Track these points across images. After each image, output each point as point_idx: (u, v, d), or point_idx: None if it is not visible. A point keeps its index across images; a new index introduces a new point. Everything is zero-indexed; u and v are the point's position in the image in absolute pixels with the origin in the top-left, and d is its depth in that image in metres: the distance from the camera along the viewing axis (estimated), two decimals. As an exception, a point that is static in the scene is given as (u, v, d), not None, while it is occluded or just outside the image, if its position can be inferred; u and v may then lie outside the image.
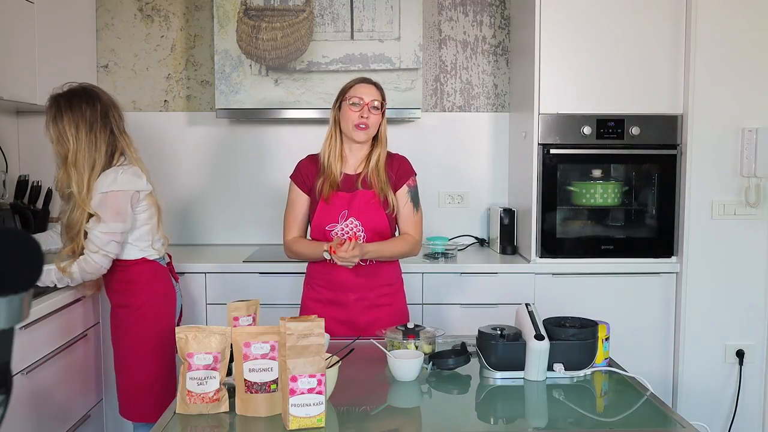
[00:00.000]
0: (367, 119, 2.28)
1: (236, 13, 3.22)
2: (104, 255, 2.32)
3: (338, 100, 2.34)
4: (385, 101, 2.36)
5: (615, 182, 3.18)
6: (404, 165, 2.41)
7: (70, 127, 2.31)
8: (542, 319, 1.89)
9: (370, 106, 2.28)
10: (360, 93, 2.29)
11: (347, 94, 2.31)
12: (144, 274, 2.43)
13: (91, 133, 2.32)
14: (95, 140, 2.32)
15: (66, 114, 2.32)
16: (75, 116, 2.32)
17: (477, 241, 3.58)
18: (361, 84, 2.33)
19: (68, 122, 2.31)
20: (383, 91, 2.37)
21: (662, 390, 3.06)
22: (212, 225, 3.59)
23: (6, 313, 0.78)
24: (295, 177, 2.39)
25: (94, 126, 2.33)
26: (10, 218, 2.95)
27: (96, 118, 2.34)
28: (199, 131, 3.56)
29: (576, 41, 3.05)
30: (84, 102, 2.34)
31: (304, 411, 1.50)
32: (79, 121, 2.32)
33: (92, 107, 2.34)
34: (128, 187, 2.33)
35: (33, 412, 2.33)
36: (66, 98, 2.35)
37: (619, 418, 1.66)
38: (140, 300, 2.42)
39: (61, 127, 2.32)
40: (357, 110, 2.27)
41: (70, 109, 2.32)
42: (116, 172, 2.33)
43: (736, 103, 3.02)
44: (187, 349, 1.61)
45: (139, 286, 2.42)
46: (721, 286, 3.07)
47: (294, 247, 2.36)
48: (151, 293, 2.44)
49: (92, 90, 2.41)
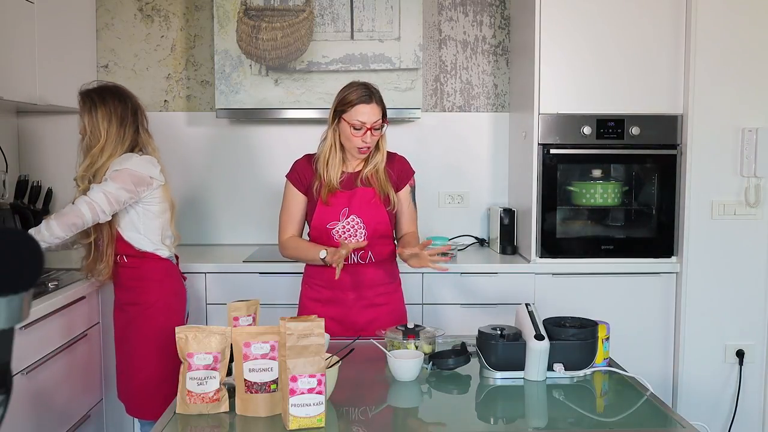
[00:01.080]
0: (369, 142, 2.24)
1: (236, 13, 3.22)
2: (93, 207, 2.33)
3: (337, 111, 2.25)
4: (386, 115, 2.28)
5: (615, 182, 3.18)
6: (405, 165, 2.40)
7: (104, 120, 2.40)
8: (542, 319, 1.89)
9: (373, 129, 2.22)
10: (362, 117, 2.20)
11: (348, 114, 2.22)
12: (157, 271, 2.47)
13: (121, 128, 2.42)
14: (123, 135, 2.41)
15: (101, 108, 2.40)
16: (108, 110, 2.41)
17: (477, 241, 3.58)
18: (362, 105, 2.21)
19: (102, 115, 2.40)
20: (384, 103, 2.28)
21: (662, 390, 3.06)
22: (212, 225, 3.59)
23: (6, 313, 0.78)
24: (291, 176, 2.37)
25: (124, 122, 2.43)
26: (10, 218, 2.95)
27: (127, 115, 2.44)
28: (199, 131, 3.56)
29: (576, 41, 3.05)
30: (116, 98, 2.44)
31: (304, 411, 1.50)
32: (112, 115, 2.40)
33: (124, 104, 2.44)
34: (141, 170, 2.39)
35: (33, 412, 2.33)
36: (99, 93, 2.44)
37: (619, 418, 1.66)
38: (153, 298, 2.45)
39: (96, 120, 2.40)
40: (359, 135, 2.22)
41: (104, 104, 2.41)
42: (132, 157, 2.40)
43: (736, 103, 3.02)
44: (187, 349, 1.61)
45: (152, 283, 2.46)
46: (721, 286, 3.07)
47: (290, 246, 2.35)
48: (163, 291, 2.48)
49: (123, 89, 2.52)
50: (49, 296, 2.40)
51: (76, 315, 2.63)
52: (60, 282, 2.59)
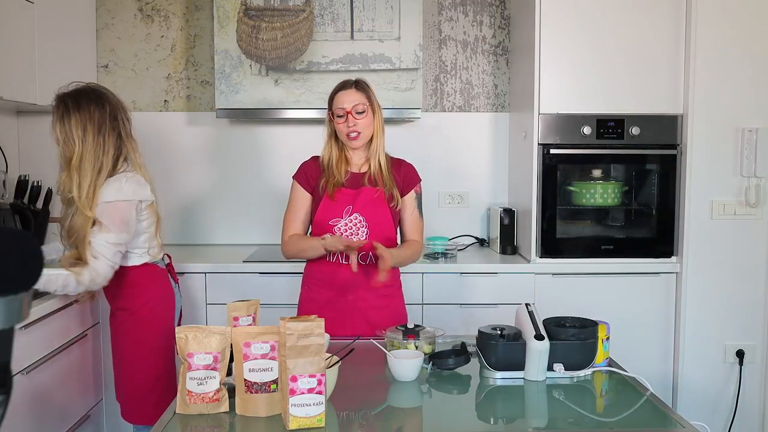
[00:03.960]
0: (355, 126, 2.26)
1: (236, 13, 3.22)
2: (111, 266, 2.25)
3: (329, 109, 2.33)
4: (372, 98, 2.30)
5: (615, 182, 3.18)
6: (411, 171, 2.40)
7: (77, 128, 2.22)
8: (542, 319, 1.89)
9: (354, 113, 2.25)
10: (341, 103, 2.26)
11: (332, 106, 2.30)
12: (143, 276, 2.39)
13: (99, 136, 2.23)
14: (103, 144, 2.24)
15: (74, 115, 2.23)
16: (83, 117, 2.23)
17: (477, 241, 3.58)
18: (340, 92, 2.29)
19: (75, 123, 2.22)
20: (366, 89, 2.31)
21: (662, 390, 3.06)
22: (212, 225, 3.59)
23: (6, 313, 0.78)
24: (298, 176, 2.38)
25: (103, 129, 2.24)
26: (10, 218, 2.95)
27: (104, 121, 2.25)
28: (199, 131, 3.56)
29: (576, 41, 3.05)
30: (92, 103, 2.26)
31: (304, 411, 1.50)
32: (87, 122, 2.23)
33: (101, 109, 2.26)
34: (133, 197, 2.26)
35: (33, 412, 2.32)
36: (73, 98, 2.26)
37: (619, 418, 1.66)
38: (139, 302, 2.38)
39: (68, 128, 2.23)
40: (342, 121, 2.26)
41: (78, 110, 2.23)
42: (120, 181, 2.25)
43: (736, 103, 3.02)
44: (187, 349, 1.61)
45: (138, 289, 2.38)
46: (721, 286, 3.07)
47: (292, 242, 2.33)
48: (149, 295, 2.40)
49: (100, 90, 2.32)
50: (49, 296, 2.39)
51: (76, 315, 2.63)
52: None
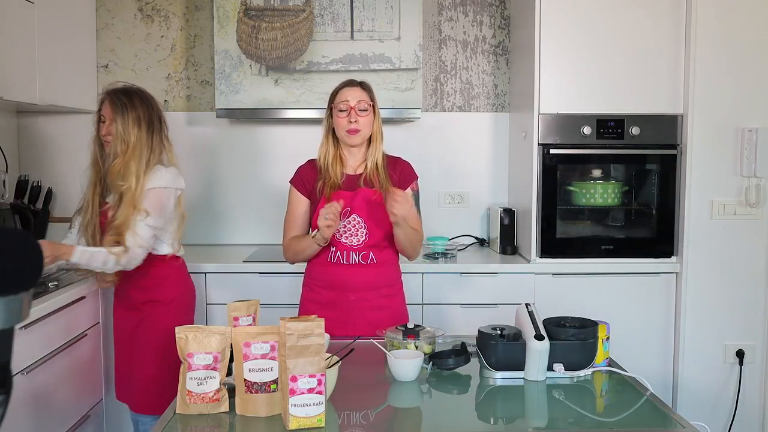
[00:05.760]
0: (357, 122, 2.27)
1: (236, 13, 3.22)
2: (146, 249, 2.37)
3: (329, 107, 2.34)
4: (374, 100, 2.34)
5: (615, 182, 3.19)
6: (407, 169, 2.41)
7: (135, 123, 2.37)
8: (542, 319, 1.89)
9: (357, 109, 2.27)
10: (345, 97, 2.29)
11: (334, 101, 2.32)
12: (176, 269, 2.53)
13: (149, 133, 2.40)
14: (151, 140, 2.40)
15: (131, 110, 2.38)
16: (137, 114, 2.39)
17: (477, 241, 3.58)
18: (345, 88, 2.33)
19: (134, 118, 2.38)
20: (371, 90, 2.35)
21: (662, 390, 3.06)
22: (212, 225, 3.59)
23: (6, 313, 0.78)
24: (294, 181, 2.39)
25: (151, 127, 2.41)
26: (10, 218, 2.95)
27: (152, 120, 2.43)
28: (199, 131, 3.56)
29: (576, 41, 3.05)
30: (144, 103, 2.43)
31: (304, 411, 1.50)
32: (141, 119, 2.39)
33: (150, 109, 2.44)
34: (172, 185, 2.41)
35: (33, 412, 2.33)
36: (127, 96, 2.41)
37: (619, 418, 1.66)
38: (172, 295, 2.50)
39: (127, 122, 2.37)
40: (345, 116, 2.28)
41: (133, 107, 2.39)
42: (161, 170, 2.39)
43: (736, 103, 3.02)
44: (187, 349, 1.61)
45: (171, 282, 2.51)
46: (721, 286, 3.07)
47: (290, 245, 2.35)
48: (181, 289, 2.55)
49: (147, 93, 2.49)
50: (49, 296, 2.40)
51: (77, 315, 2.63)
52: (60, 282, 2.59)
